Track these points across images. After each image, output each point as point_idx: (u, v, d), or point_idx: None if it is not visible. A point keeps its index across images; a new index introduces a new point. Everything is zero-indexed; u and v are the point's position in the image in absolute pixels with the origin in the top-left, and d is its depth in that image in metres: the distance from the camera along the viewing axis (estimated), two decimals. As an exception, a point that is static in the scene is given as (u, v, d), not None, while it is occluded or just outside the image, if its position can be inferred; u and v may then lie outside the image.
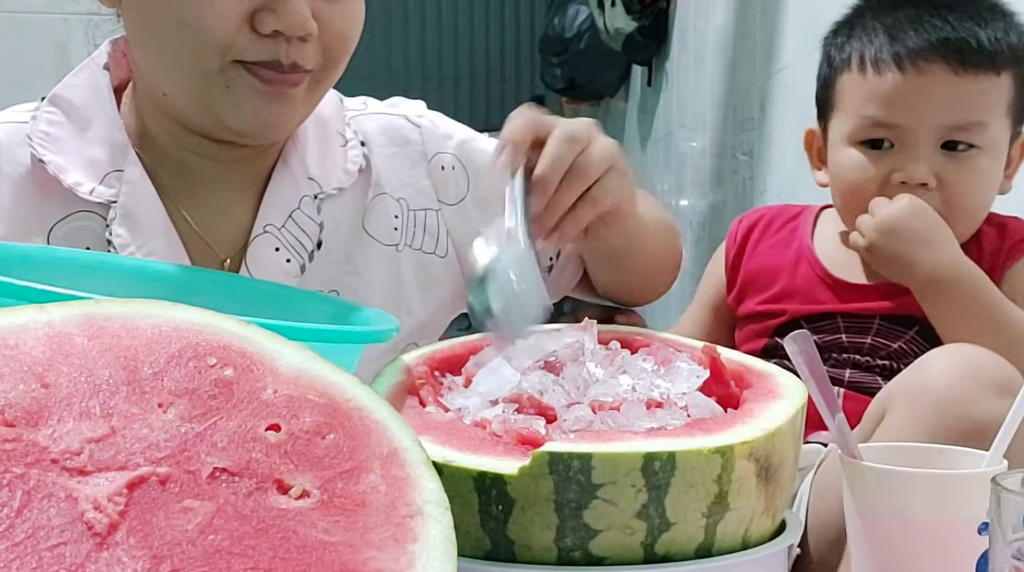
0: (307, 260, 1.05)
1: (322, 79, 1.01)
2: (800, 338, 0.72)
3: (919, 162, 1.09)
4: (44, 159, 1.00)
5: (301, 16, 0.94)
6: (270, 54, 0.95)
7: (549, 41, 4.84)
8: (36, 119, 1.03)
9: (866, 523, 0.70)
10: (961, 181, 1.10)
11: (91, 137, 1.03)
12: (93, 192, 1.00)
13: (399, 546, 0.50)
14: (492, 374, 0.73)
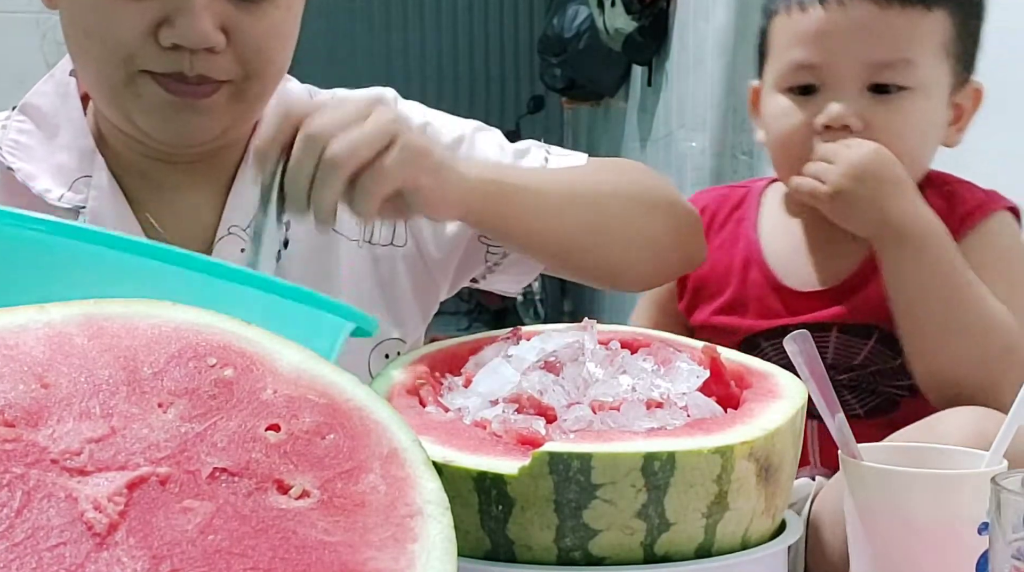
0: (274, 261, 1.02)
1: (246, 89, 0.98)
2: (800, 338, 0.72)
3: (844, 103, 1.04)
4: (13, 167, 1.01)
5: (200, 30, 0.92)
6: (173, 66, 0.94)
7: (549, 41, 4.84)
8: (6, 128, 1.04)
9: (866, 523, 0.70)
10: (889, 123, 1.04)
11: (59, 143, 1.03)
12: (62, 198, 1.01)
13: (399, 546, 0.50)
14: (492, 374, 0.73)
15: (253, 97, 1.00)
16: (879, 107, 1.04)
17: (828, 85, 1.05)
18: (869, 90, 1.05)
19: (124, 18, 0.92)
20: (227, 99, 0.97)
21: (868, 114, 1.04)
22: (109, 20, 0.92)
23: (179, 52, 0.93)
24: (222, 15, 0.94)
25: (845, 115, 1.03)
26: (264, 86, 1.00)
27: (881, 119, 1.04)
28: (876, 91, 1.05)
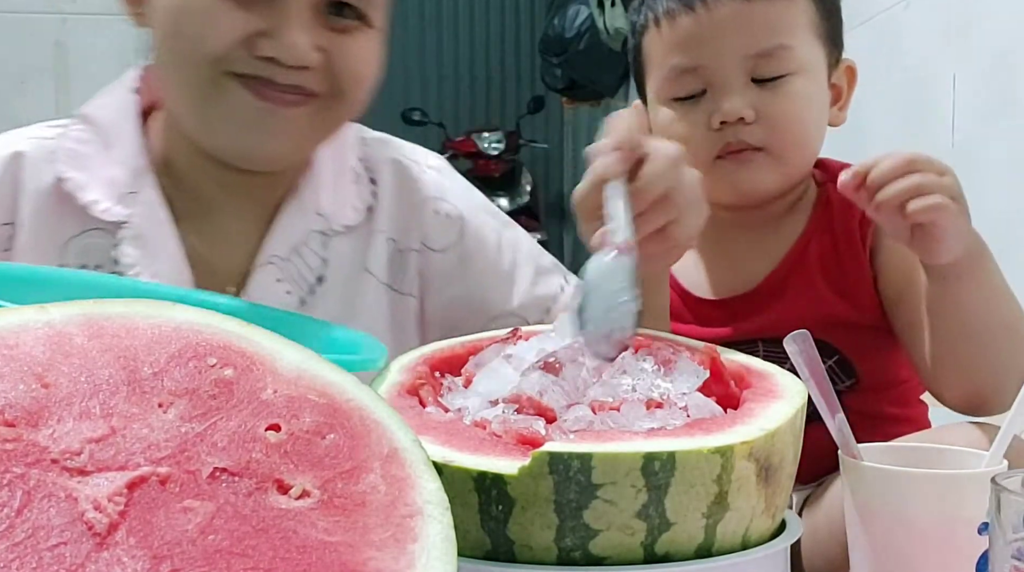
0: (307, 294, 1.06)
1: (332, 107, 1.00)
2: (800, 338, 0.72)
3: (733, 97, 1.05)
4: (64, 176, 1.03)
5: (299, 47, 0.94)
6: (264, 72, 0.95)
7: (549, 41, 4.84)
8: (64, 135, 1.05)
9: (866, 523, 0.70)
10: (781, 109, 1.05)
11: (114, 157, 1.05)
12: (107, 211, 1.02)
13: (399, 546, 0.50)
14: (492, 374, 0.73)
15: (335, 118, 1.02)
16: (766, 95, 1.06)
17: (714, 85, 1.06)
18: (754, 82, 1.06)
19: (225, 23, 0.94)
20: (311, 114, 0.99)
21: (757, 104, 1.05)
22: (208, 23, 0.94)
23: (271, 63, 0.95)
24: (319, 37, 0.96)
25: (739, 108, 1.05)
26: (349, 108, 1.02)
27: (770, 106, 1.05)
28: (759, 82, 1.06)
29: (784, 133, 1.06)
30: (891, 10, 2.18)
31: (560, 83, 4.99)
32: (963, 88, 1.95)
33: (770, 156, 1.06)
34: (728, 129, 1.06)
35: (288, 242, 1.06)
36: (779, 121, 1.05)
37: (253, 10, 0.94)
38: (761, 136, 1.06)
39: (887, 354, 1.08)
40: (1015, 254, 1.73)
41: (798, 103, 1.06)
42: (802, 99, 1.07)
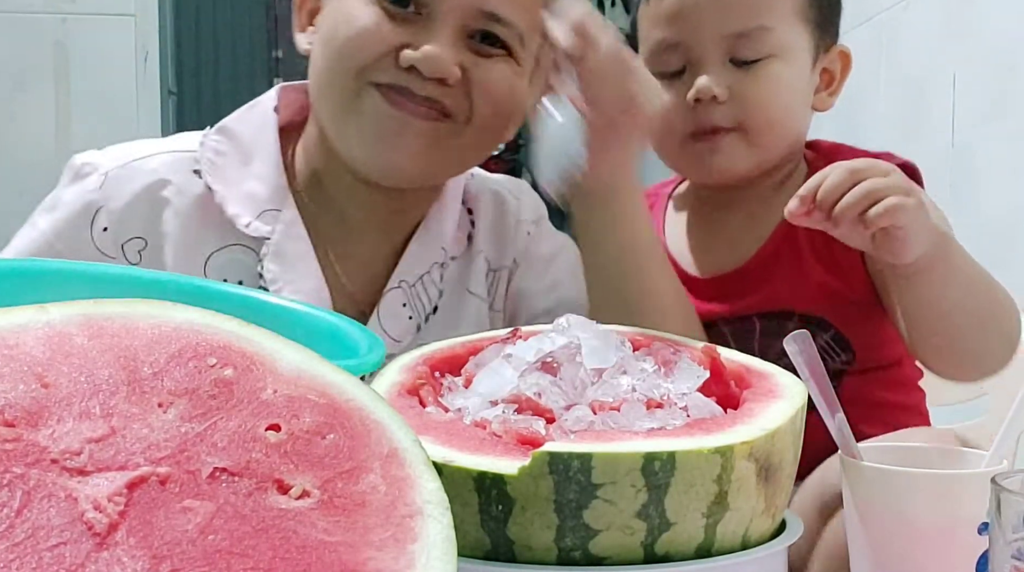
0: (423, 321, 1.10)
1: (463, 132, 1.02)
2: (800, 338, 0.72)
3: (710, 76, 1.06)
4: (213, 187, 1.04)
5: (440, 60, 0.97)
6: (403, 81, 0.98)
7: (549, 41, 4.84)
8: (204, 146, 1.07)
9: (866, 523, 0.70)
10: (755, 91, 1.07)
11: (252, 172, 1.06)
12: (250, 226, 1.04)
13: (399, 546, 0.50)
14: (492, 375, 0.73)
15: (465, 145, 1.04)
16: (743, 76, 1.07)
17: (693, 62, 1.08)
18: (732, 63, 1.07)
19: (376, 36, 0.98)
20: (442, 134, 1.01)
21: (733, 85, 1.06)
22: (362, 35, 0.98)
23: (411, 74, 0.98)
24: (461, 58, 0.99)
25: (712, 86, 1.06)
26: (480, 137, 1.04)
27: (745, 87, 1.06)
28: (739, 64, 1.07)
29: (757, 115, 1.07)
30: (891, 10, 2.18)
31: (560, 83, 4.99)
32: (963, 88, 1.95)
33: (742, 137, 1.07)
34: (702, 108, 1.07)
35: (416, 270, 1.09)
36: (752, 103, 1.06)
37: (405, 26, 0.98)
38: (733, 116, 1.06)
39: (881, 330, 1.08)
40: (1015, 254, 1.73)
41: (774, 86, 1.07)
42: (779, 83, 1.07)
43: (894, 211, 0.86)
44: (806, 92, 1.12)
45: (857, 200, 0.86)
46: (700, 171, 1.11)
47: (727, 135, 1.07)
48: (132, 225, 1.04)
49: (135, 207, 1.04)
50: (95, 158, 1.07)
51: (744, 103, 1.06)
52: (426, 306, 1.10)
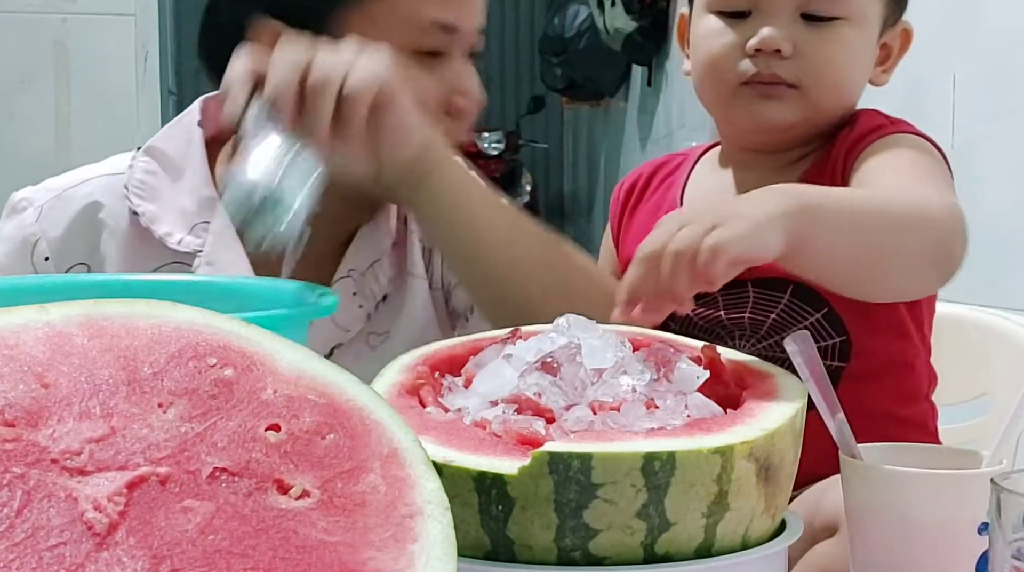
0: (373, 309, 1.11)
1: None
2: (800, 338, 0.71)
3: (777, 27, 1.02)
4: (138, 210, 1.06)
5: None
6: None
7: (549, 41, 4.85)
8: (132, 168, 1.09)
9: (866, 523, 0.70)
10: (820, 50, 1.03)
11: (182, 187, 1.09)
12: (181, 242, 1.06)
13: (399, 546, 0.50)
14: (492, 375, 0.73)
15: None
16: (811, 34, 1.03)
17: (761, 9, 1.04)
18: (803, 17, 1.03)
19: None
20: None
21: (800, 41, 1.03)
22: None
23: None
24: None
25: (777, 39, 1.02)
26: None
27: (812, 46, 1.03)
28: (809, 19, 1.03)
29: (820, 75, 1.03)
30: (891, 10, 2.18)
31: (560, 83, 5.00)
32: (963, 88, 1.95)
33: (801, 95, 1.04)
34: (762, 58, 1.03)
35: (365, 259, 1.10)
36: (817, 63, 1.03)
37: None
38: (795, 73, 1.03)
39: (879, 314, 1.03)
40: (1015, 253, 1.73)
41: (842, 50, 1.03)
42: (847, 47, 1.04)
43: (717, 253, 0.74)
44: (870, 62, 1.08)
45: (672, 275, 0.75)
46: (745, 119, 1.07)
47: (786, 90, 1.03)
48: (73, 251, 1.07)
49: (73, 233, 1.07)
50: (30, 193, 1.10)
51: (808, 62, 1.02)
52: (376, 294, 1.11)
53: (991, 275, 1.80)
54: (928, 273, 0.93)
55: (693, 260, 0.74)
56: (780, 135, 1.07)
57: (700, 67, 1.09)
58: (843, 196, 0.88)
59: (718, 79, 1.07)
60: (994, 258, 1.79)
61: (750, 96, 1.04)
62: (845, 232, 0.84)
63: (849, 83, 1.06)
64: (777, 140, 1.08)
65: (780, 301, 1.04)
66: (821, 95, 1.04)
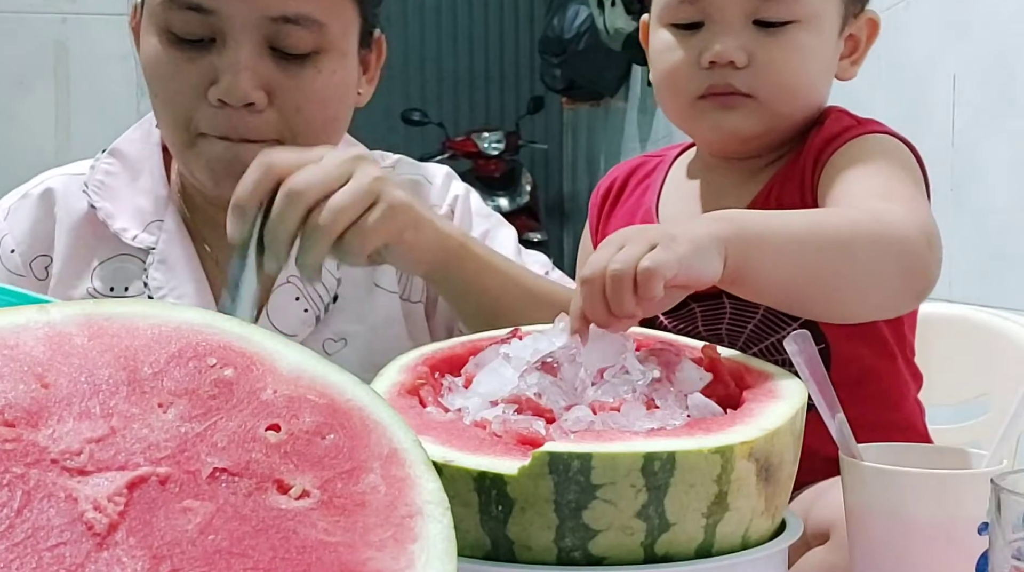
0: (322, 312, 1.12)
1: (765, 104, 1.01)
2: (800, 338, 0.71)
3: (728, 38, 1.00)
4: (96, 205, 1.11)
5: (241, 87, 0.99)
6: (223, 125, 1.01)
7: (549, 41, 4.85)
8: (95, 168, 1.13)
9: (866, 523, 0.70)
10: (774, 57, 1.00)
11: (140, 187, 1.13)
12: (136, 238, 1.10)
13: (399, 546, 0.50)
14: (492, 375, 0.73)
15: None
16: (764, 41, 1.01)
17: (712, 19, 1.02)
18: (754, 24, 1.01)
19: (182, 78, 1.01)
20: None
21: (753, 48, 1.00)
22: (171, 81, 1.02)
23: (225, 110, 1.00)
24: (266, 77, 1.01)
25: (730, 51, 1.00)
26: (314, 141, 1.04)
27: (766, 54, 1.00)
28: (761, 25, 1.01)
29: (776, 83, 1.01)
30: (891, 10, 2.18)
31: (560, 83, 4.99)
32: (963, 88, 1.95)
33: (759, 104, 1.02)
34: (717, 70, 1.01)
35: None
36: (773, 70, 1.01)
37: (203, 61, 1.00)
38: (749, 82, 1.01)
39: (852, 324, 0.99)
40: (1015, 254, 1.73)
41: (798, 54, 1.01)
42: (803, 50, 1.01)
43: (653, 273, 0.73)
44: (830, 62, 1.05)
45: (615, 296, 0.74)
46: (707, 132, 1.05)
47: (743, 100, 1.02)
48: (37, 245, 1.12)
49: (36, 228, 1.12)
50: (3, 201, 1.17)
51: (762, 71, 1.00)
52: (323, 297, 1.12)
53: (991, 275, 1.80)
54: (890, 291, 0.90)
55: (632, 281, 0.73)
56: (745, 144, 1.06)
57: (658, 82, 1.08)
58: (786, 222, 0.85)
59: (676, 94, 1.06)
60: (994, 258, 1.79)
61: (709, 108, 1.03)
62: (786, 257, 0.83)
63: (807, 87, 1.04)
64: (744, 148, 1.07)
65: (756, 312, 1.03)
66: (778, 102, 1.02)
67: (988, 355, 1.26)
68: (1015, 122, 1.79)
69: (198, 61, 1.00)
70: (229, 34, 1.00)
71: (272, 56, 1.01)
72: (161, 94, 1.03)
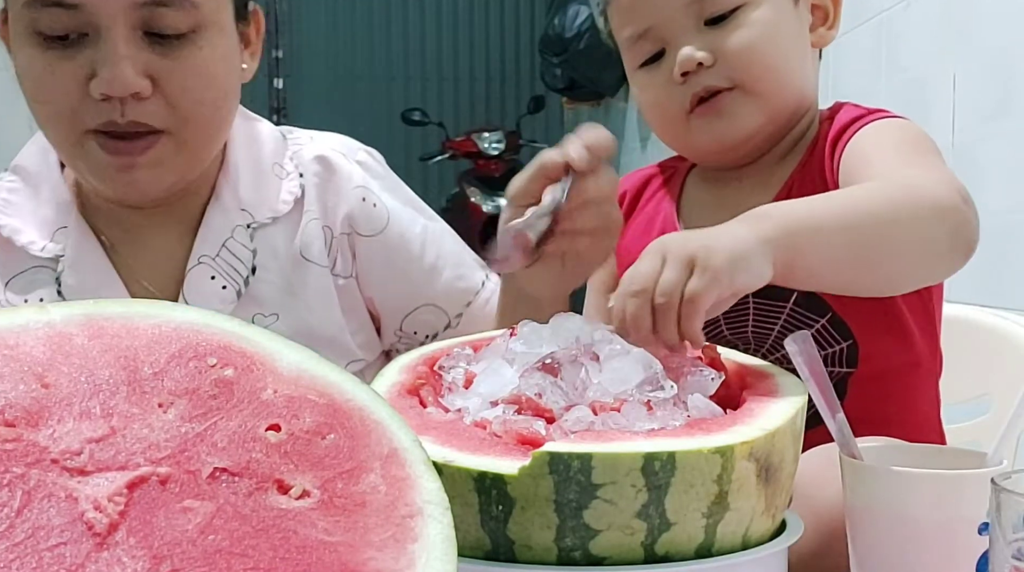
0: (243, 285, 1.11)
1: (186, 137, 1.04)
2: (800, 338, 0.71)
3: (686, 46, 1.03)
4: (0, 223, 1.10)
5: (122, 77, 0.98)
6: (106, 116, 1.00)
7: (549, 41, 4.84)
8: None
9: (866, 523, 0.70)
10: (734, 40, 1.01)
11: (43, 198, 1.13)
12: (44, 249, 1.10)
13: (399, 546, 0.50)
14: (492, 375, 0.73)
15: (196, 144, 1.06)
16: (721, 33, 1.03)
17: (668, 41, 1.05)
18: (706, 26, 1.03)
19: (60, 78, 0.99)
20: (170, 151, 1.03)
21: (714, 44, 1.03)
22: (48, 83, 1.00)
23: (111, 103, 0.99)
24: (146, 63, 1.00)
25: (692, 54, 1.02)
26: (203, 130, 1.06)
27: (729, 43, 1.02)
28: (713, 23, 1.03)
29: (748, 65, 1.03)
30: (891, 10, 2.18)
31: (560, 83, 4.99)
32: (963, 88, 1.95)
33: (744, 93, 1.03)
34: (692, 79, 1.03)
35: (215, 240, 1.11)
36: (739, 55, 1.02)
37: (79, 57, 0.99)
38: (724, 74, 1.03)
39: (885, 314, 1.03)
40: (1015, 254, 1.73)
41: (755, 32, 1.03)
42: (761, 27, 1.03)
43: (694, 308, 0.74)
44: (795, 32, 1.07)
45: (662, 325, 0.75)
46: (709, 141, 1.06)
47: (728, 95, 1.03)
48: None
49: None
50: None
51: (731, 58, 1.02)
52: (241, 270, 1.11)
53: (991, 275, 1.80)
54: (938, 252, 0.91)
55: (677, 312, 0.74)
56: (748, 143, 1.07)
57: (648, 117, 1.11)
58: (825, 206, 0.87)
59: (666, 117, 1.08)
60: (994, 258, 1.79)
61: (702, 119, 1.05)
62: (833, 241, 0.84)
63: (783, 60, 1.05)
64: (748, 149, 1.08)
65: (783, 311, 1.03)
66: (759, 83, 1.03)
67: (988, 355, 1.26)
68: (1015, 122, 1.79)
69: (74, 58, 0.99)
70: (101, 25, 0.98)
71: (148, 42, 1.00)
72: (41, 97, 1.02)
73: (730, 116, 1.04)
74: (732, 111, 1.04)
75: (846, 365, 1.04)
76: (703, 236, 0.78)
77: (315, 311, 1.13)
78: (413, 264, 1.18)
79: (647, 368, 0.71)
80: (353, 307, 1.16)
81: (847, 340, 1.03)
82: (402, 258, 1.17)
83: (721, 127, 1.04)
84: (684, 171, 1.18)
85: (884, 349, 1.04)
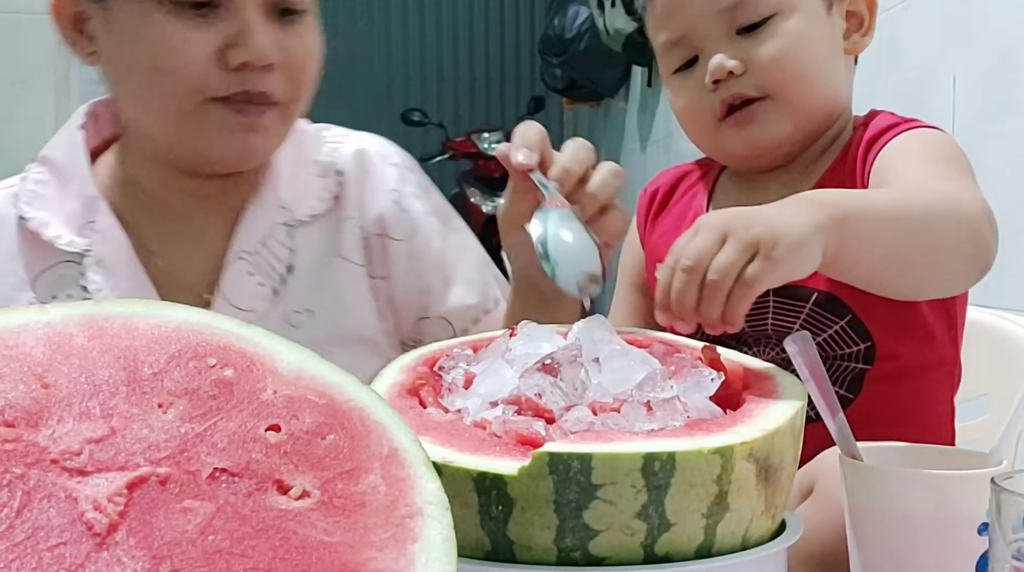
0: (279, 283, 1.12)
1: (292, 110, 1.08)
2: (800, 338, 0.71)
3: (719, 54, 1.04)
4: (26, 216, 1.11)
5: (266, 47, 1.02)
6: (239, 86, 1.02)
7: (549, 41, 4.85)
8: (26, 179, 1.14)
9: (866, 523, 0.70)
10: (769, 51, 1.03)
11: (71, 192, 1.13)
12: (70, 243, 1.10)
13: (399, 546, 0.50)
14: (492, 375, 0.73)
15: (293, 118, 1.10)
16: (753, 42, 1.04)
17: (701, 49, 1.06)
18: (738, 35, 1.05)
19: (193, 47, 1.01)
20: (277, 120, 1.07)
21: (746, 53, 1.04)
22: (179, 52, 1.01)
23: (243, 73, 1.02)
24: (276, 36, 1.04)
25: (723, 63, 1.04)
26: (301, 106, 1.10)
27: (761, 52, 1.04)
28: (745, 32, 1.05)
29: (779, 75, 1.04)
30: (891, 10, 2.18)
31: (560, 83, 4.99)
32: (963, 88, 1.95)
33: (775, 102, 1.04)
34: (723, 87, 1.05)
35: (254, 237, 1.12)
36: (771, 64, 1.04)
37: (212, 27, 1.01)
38: (756, 83, 1.04)
39: (904, 315, 1.02)
40: (1015, 254, 1.73)
41: (788, 41, 1.04)
42: (792, 37, 1.04)
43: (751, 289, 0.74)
44: (829, 40, 1.07)
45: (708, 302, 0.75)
46: (740, 146, 1.07)
47: (760, 104, 1.04)
48: None
49: None
50: None
51: (762, 68, 1.03)
52: (278, 268, 1.12)
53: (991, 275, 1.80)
54: (964, 266, 0.93)
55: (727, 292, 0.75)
56: (779, 150, 1.08)
57: (683, 125, 1.13)
58: (876, 202, 0.87)
59: (699, 123, 1.10)
60: (994, 258, 1.78)
61: (733, 127, 1.06)
62: (879, 235, 0.85)
63: (814, 69, 1.06)
64: (779, 155, 1.09)
65: (802, 311, 1.04)
66: (790, 92, 1.04)
67: (988, 355, 1.26)
68: (1015, 122, 1.79)
69: (206, 28, 1.01)
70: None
71: (275, 16, 1.04)
72: (167, 64, 1.02)
73: (761, 123, 1.05)
74: (763, 119, 1.05)
75: (863, 362, 1.04)
76: (766, 218, 0.77)
77: (349, 310, 1.14)
78: (431, 275, 1.18)
79: (647, 368, 0.71)
80: (384, 308, 1.17)
81: (865, 341, 1.03)
82: (422, 268, 1.18)
83: (751, 134, 1.06)
84: (716, 170, 1.19)
85: (903, 351, 1.04)
